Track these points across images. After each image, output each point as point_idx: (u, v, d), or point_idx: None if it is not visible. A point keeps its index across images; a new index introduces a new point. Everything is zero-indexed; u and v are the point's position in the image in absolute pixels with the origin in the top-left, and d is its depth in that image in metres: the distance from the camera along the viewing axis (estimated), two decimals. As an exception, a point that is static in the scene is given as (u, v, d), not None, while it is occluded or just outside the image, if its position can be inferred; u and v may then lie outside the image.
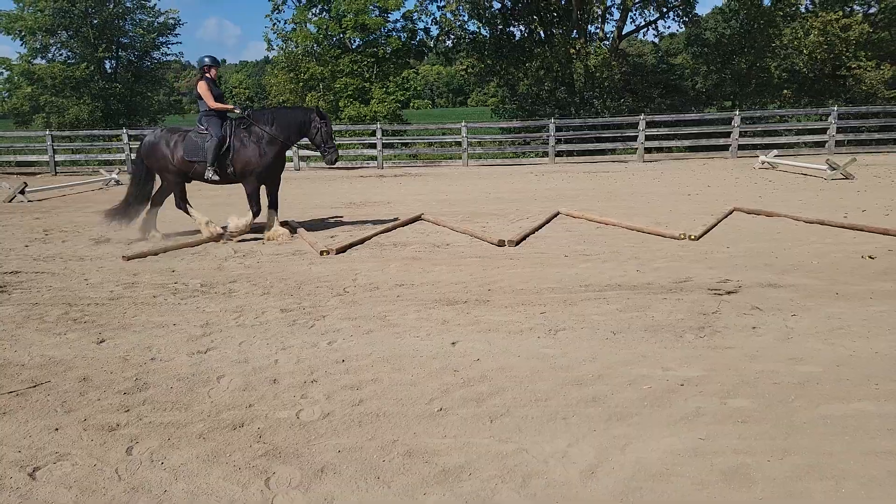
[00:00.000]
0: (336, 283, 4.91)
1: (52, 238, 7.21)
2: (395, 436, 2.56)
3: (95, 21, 23.49)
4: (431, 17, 21.87)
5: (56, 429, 2.68)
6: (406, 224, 7.48)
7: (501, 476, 2.27)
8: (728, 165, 13.76)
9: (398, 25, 22.37)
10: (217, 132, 6.52)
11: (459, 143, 16.17)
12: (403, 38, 22.11)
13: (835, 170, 10.41)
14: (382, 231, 6.98)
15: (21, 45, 23.39)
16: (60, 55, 24.09)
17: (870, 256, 5.20)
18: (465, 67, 22.47)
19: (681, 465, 2.30)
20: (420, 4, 21.43)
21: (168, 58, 26.56)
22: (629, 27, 21.68)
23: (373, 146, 16.09)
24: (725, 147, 15.50)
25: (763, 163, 12.78)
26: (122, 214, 6.88)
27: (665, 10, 21.13)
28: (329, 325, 3.91)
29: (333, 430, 2.62)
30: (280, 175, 6.91)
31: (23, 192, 10.59)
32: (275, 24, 22.55)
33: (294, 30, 22.11)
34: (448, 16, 20.45)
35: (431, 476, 2.28)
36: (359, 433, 2.59)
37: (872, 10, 19.23)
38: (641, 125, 15.32)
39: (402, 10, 21.94)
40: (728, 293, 4.35)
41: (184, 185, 6.87)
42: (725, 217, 7.20)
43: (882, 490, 2.14)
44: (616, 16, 20.82)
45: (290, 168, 14.87)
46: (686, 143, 15.79)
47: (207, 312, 4.24)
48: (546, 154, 16.14)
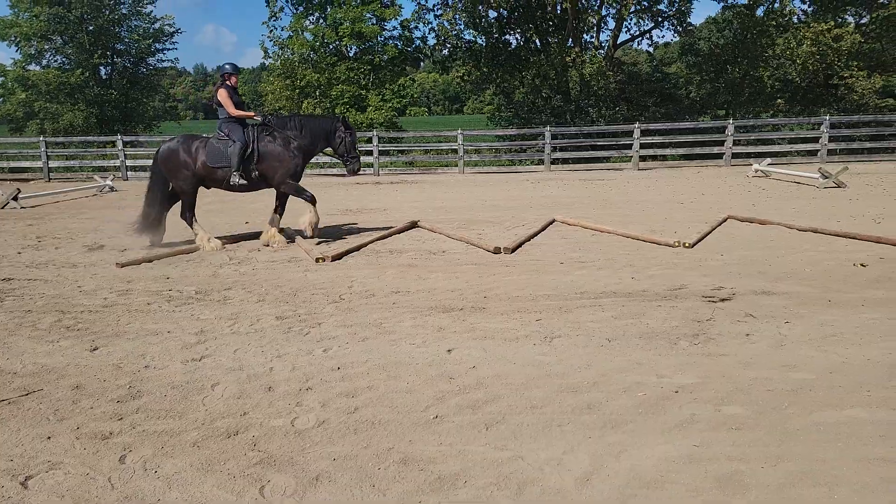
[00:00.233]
0: (332, 291, 4.91)
1: (46, 245, 7.18)
2: (391, 443, 2.56)
3: (91, 27, 23.49)
4: (429, 27, 22.02)
5: (48, 437, 2.66)
6: (402, 231, 7.49)
7: (497, 484, 2.27)
8: (722, 174, 13.87)
9: (395, 33, 22.51)
10: (240, 137, 6.56)
11: (456, 151, 16.22)
12: (400, 47, 22.21)
13: (827, 178, 10.51)
14: (378, 238, 6.99)
15: (16, 51, 23.38)
16: (55, 61, 24.07)
17: (862, 264, 5.25)
18: (462, 75, 22.59)
19: (675, 472, 2.31)
20: (417, 13, 21.51)
21: (164, 64, 26.60)
22: (624, 36, 21.90)
23: (369, 153, 16.13)
24: (719, 155, 15.62)
25: (756, 171, 12.89)
26: (148, 225, 6.71)
27: (660, 20, 21.35)
28: (325, 333, 3.90)
29: (328, 438, 2.61)
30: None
31: (16, 199, 10.54)
32: (272, 31, 22.65)
33: (291, 37, 22.19)
34: (445, 24, 20.59)
35: (427, 484, 2.28)
36: (354, 441, 2.59)
37: (864, 21, 19.50)
38: (636, 133, 15.43)
39: (399, 19, 22.08)
40: (722, 300, 4.38)
41: (195, 196, 6.83)
42: (719, 225, 7.25)
43: (875, 497, 2.16)
44: (611, 25, 21.02)
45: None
46: (680, 152, 15.93)
47: (202, 320, 4.22)
48: (542, 162, 16.22)
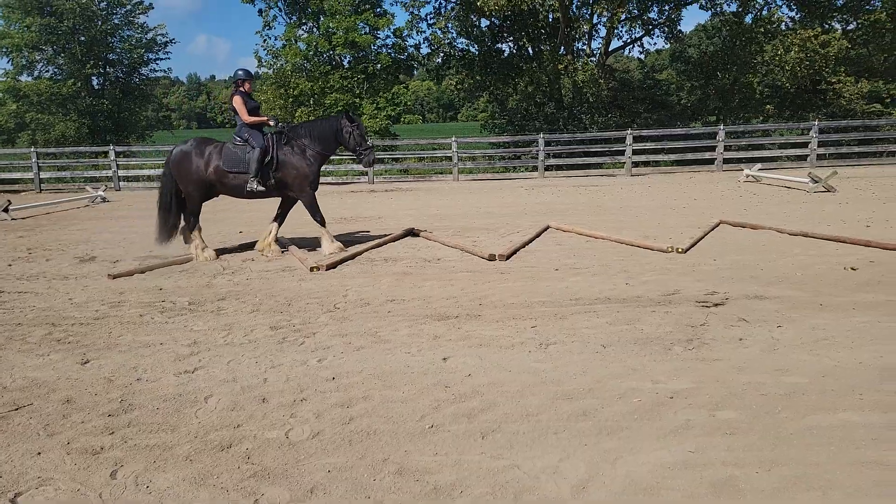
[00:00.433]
0: (326, 300, 4.89)
1: (36, 257, 7.12)
2: (386, 454, 2.54)
3: (83, 38, 23.44)
4: (423, 36, 22.11)
5: (38, 453, 2.63)
6: (397, 239, 7.50)
7: (493, 493, 2.26)
8: (714, 179, 13.98)
9: (388, 42, 22.60)
10: (260, 143, 6.52)
11: (450, 158, 16.27)
12: (393, 55, 22.31)
13: (817, 182, 10.62)
14: (373, 246, 6.98)
15: (7, 62, 23.27)
16: (47, 71, 23.96)
17: (852, 268, 5.30)
18: (455, 83, 22.70)
19: (671, 479, 2.31)
20: (411, 22, 21.63)
21: (156, 74, 26.55)
22: (616, 43, 22.08)
23: (363, 161, 16.13)
24: (711, 161, 15.75)
25: (747, 176, 13.00)
26: (168, 231, 6.64)
27: (650, 28, 21.58)
28: (319, 342, 3.89)
29: (323, 450, 2.60)
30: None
31: (6, 210, 10.46)
32: (265, 41, 22.71)
33: (284, 46, 22.25)
34: (437, 33, 20.72)
35: (423, 494, 2.27)
36: (349, 452, 2.57)
37: (851, 27, 19.78)
38: (629, 140, 15.54)
39: (392, 28, 22.18)
40: (715, 305, 4.41)
41: (201, 203, 6.74)
42: (712, 230, 7.30)
43: (868, 500, 2.17)
44: (602, 33, 21.21)
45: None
46: (673, 157, 16.03)
47: (195, 331, 4.20)
48: (536, 168, 16.28)
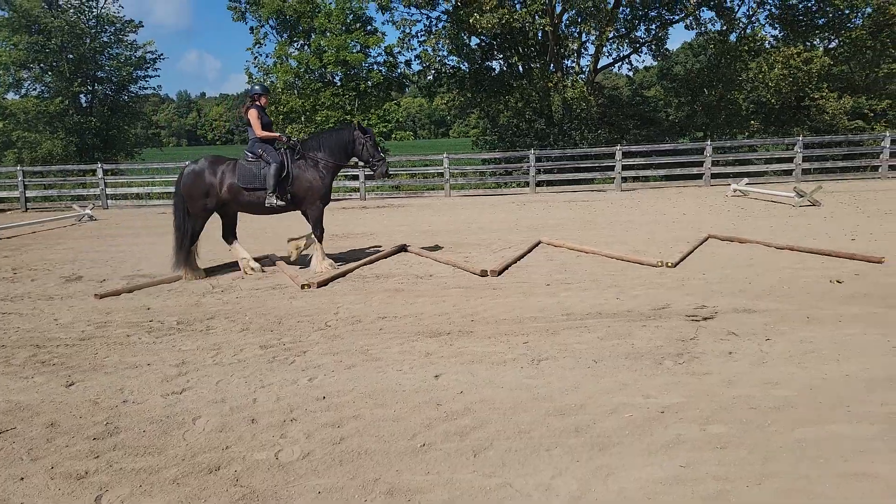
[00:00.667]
0: (317, 318, 4.87)
1: (21, 277, 7.03)
2: (377, 474, 2.52)
3: (71, 56, 23.42)
4: (413, 53, 22.35)
5: (21, 478, 2.57)
6: (389, 255, 7.50)
7: (484, 513, 2.24)
8: (702, 193, 14.17)
9: (379, 59, 22.84)
10: (275, 158, 6.47)
11: (442, 174, 16.37)
12: (384, 73, 22.53)
13: (802, 197, 10.79)
14: (365, 263, 6.98)
15: (-6, 81, 23.15)
16: (34, 89, 23.86)
17: (838, 281, 5.37)
18: (447, 101, 22.95)
19: (663, 494, 2.31)
20: (402, 40, 21.89)
21: (146, 91, 26.51)
22: (604, 61, 22.47)
23: (355, 178, 16.20)
24: (699, 176, 15.97)
25: (735, 191, 13.19)
26: (184, 256, 6.48)
27: (638, 46, 22.02)
28: (310, 361, 3.86)
29: (313, 471, 2.56)
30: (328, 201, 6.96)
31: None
32: (256, 58, 22.86)
33: (275, 64, 22.41)
34: (428, 50, 20.98)
35: (413, 515, 2.24)
36: (339, 472, 2.54)
37: (833, 45, 20.30)
38: (618, 155, 15.75)
39: (384, 45, 22.45)
40: (705, 319, 4.44)
41: (205, 222, 6.64)
42: (701, 244, 7.38)
43: (859, 514, 2.17)
44: (591, 50, 21.59)
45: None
46: (661, 173, 16.25)
47: (183, 351, 4.15)
48: (527, 184, 16.42)
